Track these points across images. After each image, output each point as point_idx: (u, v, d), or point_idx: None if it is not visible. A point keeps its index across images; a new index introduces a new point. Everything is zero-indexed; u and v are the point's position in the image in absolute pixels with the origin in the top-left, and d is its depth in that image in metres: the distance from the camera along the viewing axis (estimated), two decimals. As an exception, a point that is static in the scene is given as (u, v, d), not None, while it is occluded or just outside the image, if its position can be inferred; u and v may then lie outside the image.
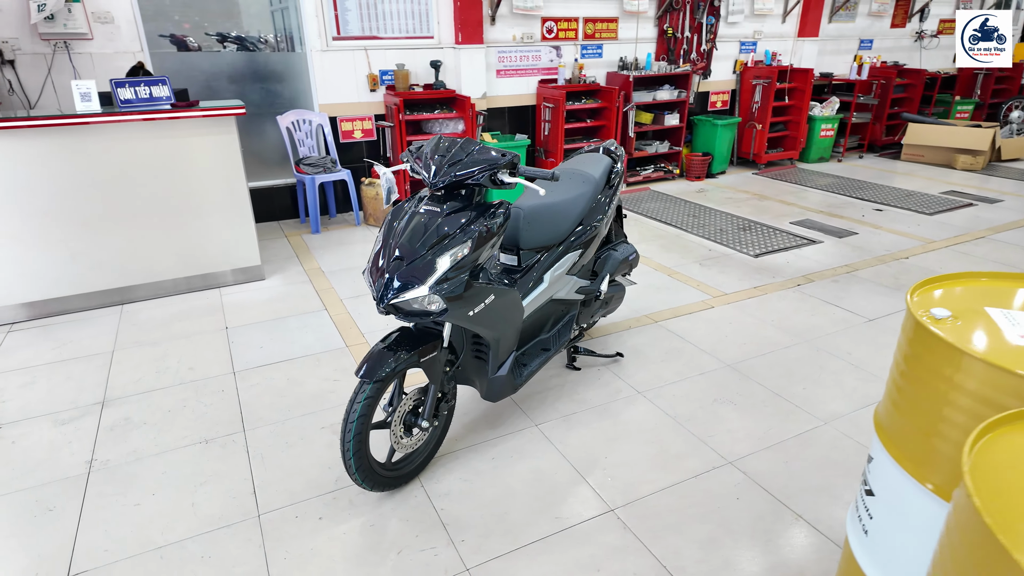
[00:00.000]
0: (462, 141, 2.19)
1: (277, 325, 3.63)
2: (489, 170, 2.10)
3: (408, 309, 2.05)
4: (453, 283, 2.04)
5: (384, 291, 2.02)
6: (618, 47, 6.64)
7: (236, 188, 4.05)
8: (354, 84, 5.56)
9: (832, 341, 3.40)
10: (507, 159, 2.13)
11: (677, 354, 3.27)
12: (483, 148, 2.17)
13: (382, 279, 2.04)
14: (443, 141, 2.21)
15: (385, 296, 2.02)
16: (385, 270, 2.05)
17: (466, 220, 2.10)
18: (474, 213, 2.13)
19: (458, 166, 2.10)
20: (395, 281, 2.02)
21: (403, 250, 2.05)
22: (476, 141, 2.21)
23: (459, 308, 2.08)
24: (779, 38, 7.64)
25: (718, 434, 2.62)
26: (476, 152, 2.14)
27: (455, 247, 2.05)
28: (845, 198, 6.27)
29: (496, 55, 6.05)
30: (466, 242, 2.06)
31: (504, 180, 2.13)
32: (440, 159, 2.12)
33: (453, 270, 2.03)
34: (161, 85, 3.83)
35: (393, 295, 2.01)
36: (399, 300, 2.01)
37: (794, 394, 2.91)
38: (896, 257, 4.64)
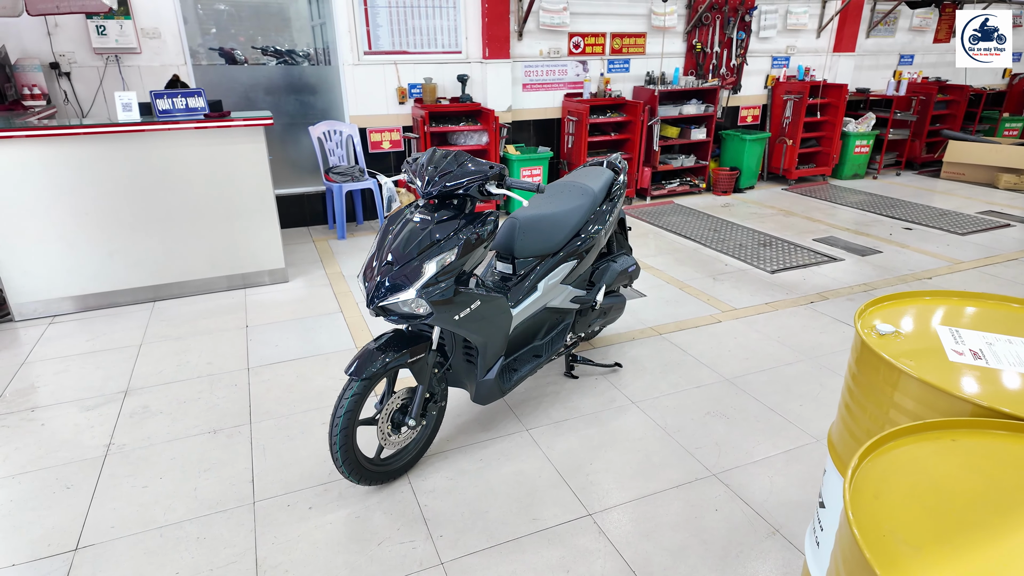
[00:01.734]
0: (454, 154, 2.30)
1: (294, 325, 3.80)
2: (477, 181, 2.21)
3: (396, 311, 2.16)
4: (440, 287, 2.14)
5: (374, 293, 2.14)
6: (646, 62, 6.69)
7: (263, 194, 4.26)
8: (383, 97, 5.77)
9: (837, 359, 3.37)
10: (494, 171, 2.23)
11: (676, 366, 3.30)
12: (473, 160, 2.28)
13: (373, 282, 2.16)
14: (437, 153, 2.33)
15: (375, 298, 2.14)
16: (377, 273, 2.17)
17: (455, 228, 2.20)
18: (463, 221, 2.23)
19: (448, 177, 2.21)
20: (385, 284, 2.13)
21: (395, 255, 2.16)
22: (469, 155, 2.32)
23: (445, 312, 2.19)
24: (813, 53, 7.56)
25: (705, 446, 2.64)
26: (466, 164, 2.25)
27: (442, 253, 2.15)
28: (875, 216, 6.14)
29: (523, 69, 6.18)
30: (453, 248, 2.17)
31: (492, 191, 2.23)
32: (432, 170, 2.24)
33: (440, 275, 2.14)
34: (197, 97, 4.08)
35: (382, 297, 2.13)
36: (387, 302, 2.13)
37: (788, 410, 2.91)
38: (918, 277, 4.53)
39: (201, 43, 5.31)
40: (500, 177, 2.26)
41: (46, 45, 4.77)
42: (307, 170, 5.91)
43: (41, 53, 4.76)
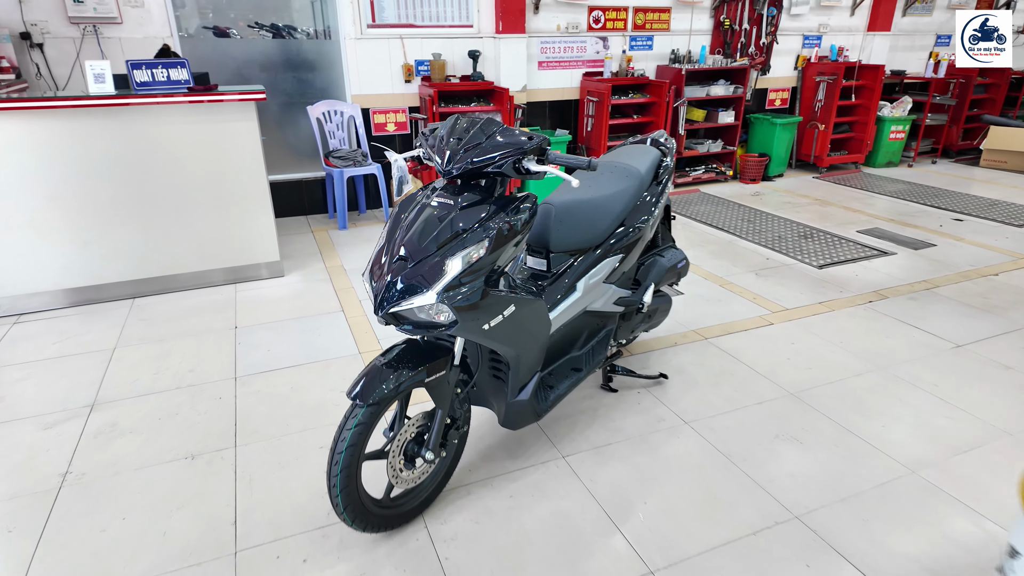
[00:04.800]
0: (483, 121, 1.85)
1: (289, 326, 3.36)
2: (513, 156, 1.76)
3: (411, 319, 1.72)
4: (466, 290, 1.70)
5: (384, 296, 1.70)
6: (670, 39, 6.20)
7: (256, 179, 3.81)
8: (388, 74, 5.30)
9: (912, 369, 2.93)
10: (535, 143, 1.78)
11: (729, 377, 2.86)
12: (507, 130, 1.83)
13: (382, 282, 1.72)
14: (461, 121, 1.88)
15: (384, 302, 1.70)
16: (387, 271, 1.73)
17: (484, 215, 1.76)
18: (494, 207, 1.79)
19: (476, 151, 1.76)
20: (397, 285, 1.69)
21: (409, 248, 1.72)
22: (499, 122, 1.87)
23: (472, 320, 1.75)
24: (846, 32, 7.06)
25: (779, 479, 2.21)
26: (498, 134, 1.80)
27: (470, 247, 1.71)
28: (918, 206, 5.68)
29: (538, 46, 5.70)
30: (483, 241, 1.72)
31: (531, 168, 1.78)
32: (456, 143, 1.79)
33: (467, 274, 1.70)
34: (180, 68, 3.62)
35: (394, 302, 1.69)
36: (400, 308, 1.69)
37: (869, 432, 2.47)
38: (983, 273, 4.09)
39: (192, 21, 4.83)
40: (541, 151, 1.81)
41: (16, 14, 4.30)
42: (305, 154, 5.45)
43: (11, 22, 4.29)
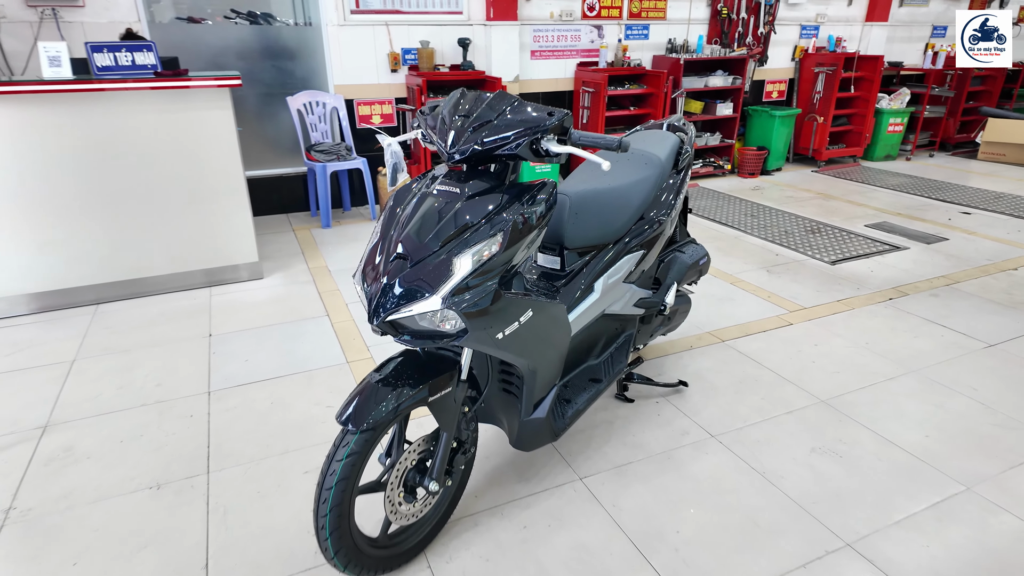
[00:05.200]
0: (492, 96, 1.59)
1: (269, 333, 3.07)
2: (530, 135, 1.50)
3: (413, 328, 1.46)
4: (476, 293, 1.44)
5: (379, 302, 1.44)
6: (666, 28, 5.98)
7: (231, 173, 3.51)
8: (373, 63, 5.01)
9: (946, 372, 2.72)
10: (556, 119, 1.52)
11: (753, 384, 2.63)
12: (521, 105, 1.57)
13: (377, 285, 1.46)
14: (467, 96, 1.62)
15: (380, 309, 1.43)
16: (382, 273, 1.46)
17: (495, 206, 1.50)
18: (507, 197, 1.53)
19: (486, 130, 1.50)
20: (395, 288, 1.43)
21: (408, 246, 1.46)
22: (512, 95, 1.61)
23: (484, 328, 1.48)
24: (844, 22, 6.90)
25: (823, 500, 1.97)
26: (511, 110, 1.54)
27: (480, 243, 1.45)
28: (923, 199, 5.52)
29: (531, 34, 5.44)
30: (495, 236, 1.46)
31: (552, 149, 1.52)
32: (462, 121, 1.53)
33: (477, 275, 1.44)
34: (146, 51, 3.31)
35: (392, 308, 1.42)
36: (400, 315, 1.42)
37: (912, 443, 2.25)
38: (1002, 268, 3.91)
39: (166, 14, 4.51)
40: (563, 129, 1.55)
41: (-34, -5, 3.96)
42: (285, 148, 5.14)
43: (-40, 5, 3.95)
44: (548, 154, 1.54)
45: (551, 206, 1.59)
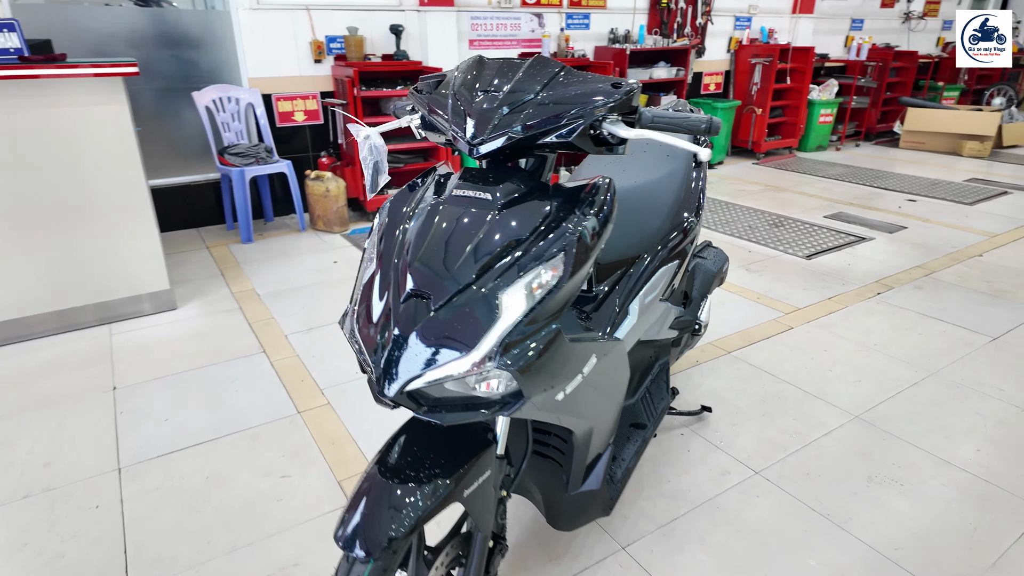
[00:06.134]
0: (528, 63, 1.17)
1: (192, 379, 2.47)
2: (591, 115, 1.08)
3: (443, 398, 1.01)
4: (533, 341, 1.01)
5: (391, 363, 0.97)
6: (607, 17, 5.70)
7: (131, 183, 2.85)
8: (294, 53, 4.40)
9: (966, 372, 2.54)
10: (622, 92, 1.10)
11: (778, 402, 2.33)
12: (571, 75, 1.15)
13: (385, 337, 1.00)
14: (490, 66, 1.18)
15: (394, 373, 0.97)
16: (394, 320, 1.00)
17: (544, 217, 1.08)
18: (558, 201, 1.10)
19: (528, 110, 1.07)
20: (415, 342, 0.97)
21: (426, 279, 1.01)
22: (555, 61, 1.19)
23: (543, 390, 1.05)
24: (774, 14, 6.90)
25: (905, 543, 1.68)
26: (561, 82, 1.12)
27: (534, 269, 1.02)
28: (868, 188, 5.54)
29: (469, 21, 5.00)
30: (554, 258, 1.03)
31: (619, 133, 1.11)
32: (489, 99, 1.09)
33: (530, 318, 1.00)
34: (7, 32, 2.61)
35: (413, 372, 0.96)
36: (427, 381, 0.97)
37: (969, 462, 2.01)
38: (968, 255, 3.87)
39: None
40: (631, 107, 1.14)
41: None
42: (192, 152, 4.43)
43: None
44: (611, 140, 1.13)
45: (611, 211, 1.18)
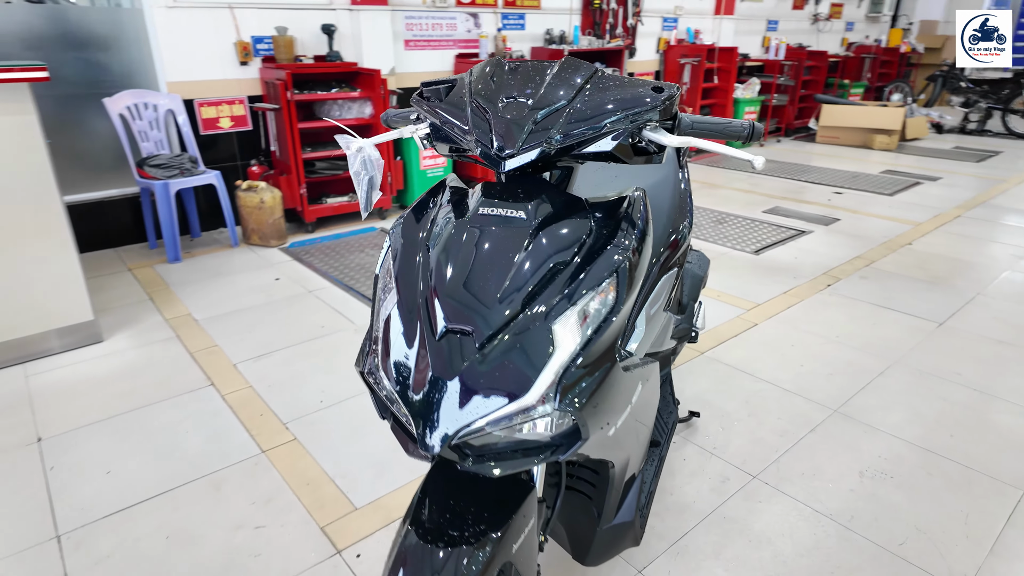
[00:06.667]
0: (558, 65, 1.07)
1: (133, 423, 2.20)
2: (634, 122, 0.99)
3: (491, 445, 0.89)
4: (592, 375, 0.91)
5: (431, 415, 0.85)
6: (542, 18, 5.66)
7: (44, 201, 2.52)
8: (217, 54, 4.08)
9: (924, 359, 2.64)
10: (665, 96, 1.02)
11: (759, 401, 2.33)
12: (608, 78, 1.06)
13: (418, 382, 0.87)
14: (510, 69, 1.08)
15: (432, 425, 0.85)
16: (429, 363, 0.87)
17: (585, 235, 0.97)
18: (599, 217, 1.01)
19: (564, 117, 0.97)
20: (458, 388, 0.85)
21: (459, 314, 0.90)
22: (587, 63, 1.09)
23: (600, 427, 0.95)
24: (698, 15, 7.10)
25: (910, 538, 1.69)
26: (597, 86, 1.02)
27: (584, 296, 0.91)
28: (796, 183, 5.78)
29: (403, 21, 4.82)
30: (604, 281, 0.93)
31: (662, 141, 1.02)
32: (519, 107, 0.99)
33: (586, 351, 0.90)
34: None
35: (463, 424, 0.84)
36: (478, 429, 0.85)
37: (947, 448, 2.07)
38: (900, 244, 4.08)
39: None
40: (672, 113, 1.06)
41: None
42: (105, 165, 4.02)
43: None
44: (650, 149, 1.04)
45: (648, 228, 1.09)
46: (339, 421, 2.21)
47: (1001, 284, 3.41)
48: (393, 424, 0.97)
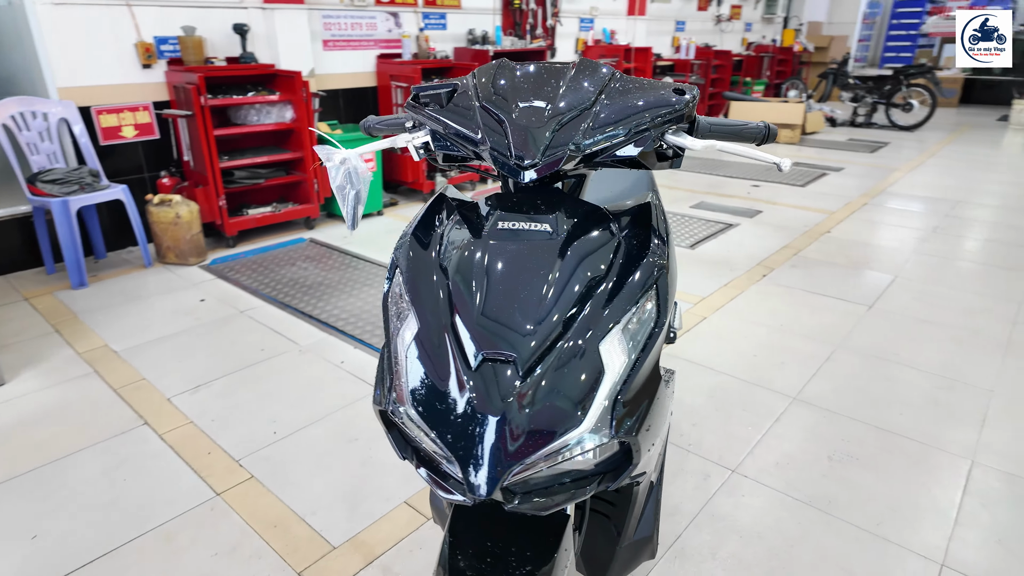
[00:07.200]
0: (571, 68, 1.01)
1: (54, 476, 1.93)
2: (660, 126, 0.95)
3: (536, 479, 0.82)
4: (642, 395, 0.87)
5: (476, 454, 0.77)
6: (463, 17, 5.57)
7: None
8: (116, 57, 3.71)
9: (862, 341, 2.79)
10: (688, 99, 0.98)
11: (721, 394, 2.37)
12: (627, 80, 1.01)
13: (457, 419, 0.79)
14: (522, 73, 1.01)
15: (477, 465, 0.76)
16: (468, 396, 0.79)
17: (614, 247, 0.93)
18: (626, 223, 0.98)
19: (590, 123, 0.93)
20: (504, 422, 0.77)
21: (495, 339, 0.83)
22: (605, 65, 1.03)
23: (647, 448, 0.90)
24: (612, 16, 7.25)
25: (885, 517, 1.76)
26: (618, 89, 0.98)
27: (627, 312, 0.86)
28: (715, 177, 6.02)
29: (321, 20, 4.59)
30: (645, 295, 0.89)
31: (685, 144, 0.99)
32: (537, 112, 0.93)
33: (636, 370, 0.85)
34: None
35: (515, 462, 0.77)
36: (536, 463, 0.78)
37: (902, 426, 2.19)
38: (820, 232, 4.33)
39: None
40: (692, 116, 1.02)
41: None
42: (-12, 182, 3.56)
43: None
44: (669, 153, 1.00)
45: (670, 235, 1.05)
46: (298, 453, 2.04)
47: (913, 265, 3.68)
48: (419, 465, 0.88)
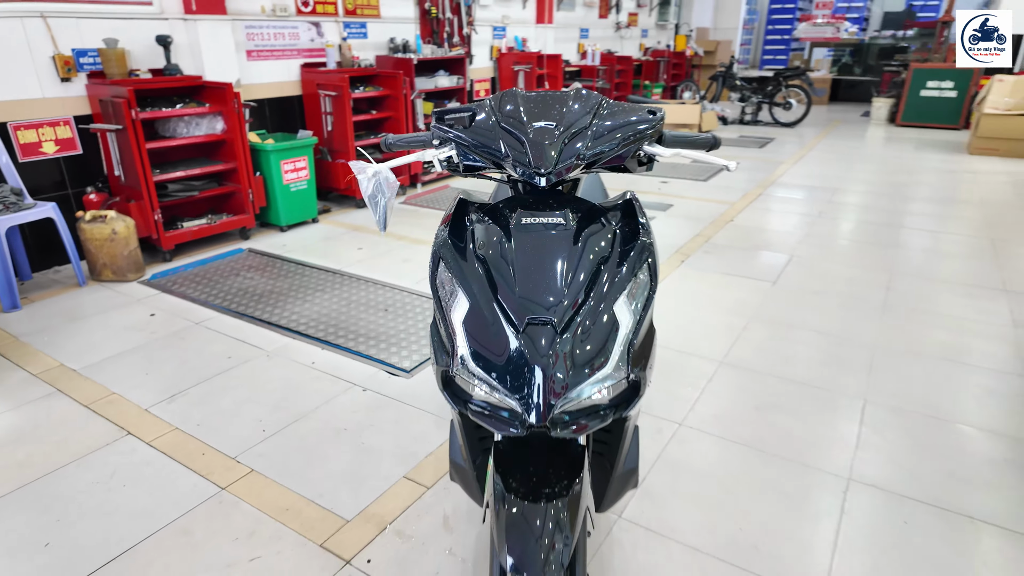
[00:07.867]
0: (570, 96, 1.29)
1: (44, 491, 1.96)
2: (640, 139, 1.24)
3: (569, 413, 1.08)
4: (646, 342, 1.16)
5: (532, 396, 1.02)
6: (383, 26, 5.70)
7: None
8: (31, 70, 3.58)
9: (772, 311, 3.24)
10: (659, 117, 1.28)
11: (664, 364, 2.72)
12: (612, 105, 1.29)
13: (517, 370, 1.03)
14: (531, 99, 1.28)
15: (534, 405, 1.02)
16: (524, 353, 1.04)
17: (612, 232, 1.21)
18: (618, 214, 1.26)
19: (589, 138, 1.20)
20: (551, 370, 1.03)
21: (536, 306, 1.08)
22: (594, 93, 1.31)
23: (648, 381, 1.19)
24: (522, 24, 7.59)
25: (807, 447, 2.15)
26: (606, 112, 1.26)
27: (631, 281, 1.15)
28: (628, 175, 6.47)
29: (244, 31, 4.59)
30: (642, 268, 1.17)
31: (657, 153, 1.28)
32: (548, 131, 1.19)
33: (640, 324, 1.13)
34: None
35: (564, 399, 1.03)
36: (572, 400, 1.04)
37: (811, 377, 2.62)
38: (725, 221, 4.84)
39: None
40: (660, 131, 1.32)
41: None
42: None
43: None
44: (644, 160, 1.29)
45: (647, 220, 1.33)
46: (291, 447, 2.18)
47: (805, 246, 4.24)
48: (475, 411, 1.10)
